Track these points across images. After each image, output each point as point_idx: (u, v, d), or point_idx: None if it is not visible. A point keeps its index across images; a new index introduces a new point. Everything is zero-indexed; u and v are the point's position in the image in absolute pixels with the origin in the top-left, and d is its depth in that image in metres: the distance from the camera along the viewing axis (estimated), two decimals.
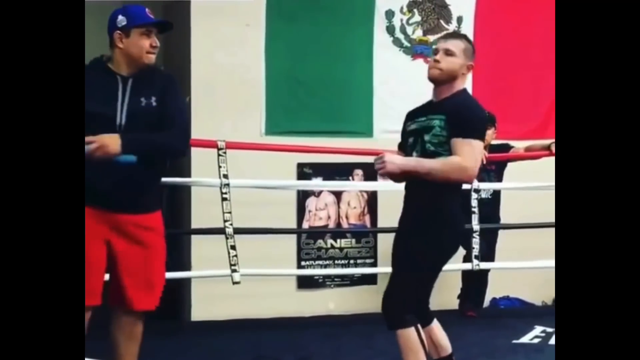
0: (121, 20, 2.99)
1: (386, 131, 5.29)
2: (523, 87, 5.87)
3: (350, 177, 5.49)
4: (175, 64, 5.75)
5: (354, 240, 5.55)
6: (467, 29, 5.74)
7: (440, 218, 3.07)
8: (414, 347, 3.04)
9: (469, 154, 3.00)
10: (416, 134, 3.16)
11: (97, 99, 2.88)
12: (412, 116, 3.26)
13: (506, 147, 5.34)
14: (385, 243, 5.47)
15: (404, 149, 3.25)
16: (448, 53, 3.13)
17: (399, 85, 5.51)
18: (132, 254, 3.02)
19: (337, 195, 5.50)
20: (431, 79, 3.16)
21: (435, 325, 3.24)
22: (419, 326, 3.08)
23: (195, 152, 5.11)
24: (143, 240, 3.05)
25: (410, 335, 3.04)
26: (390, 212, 5.44)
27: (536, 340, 4.51)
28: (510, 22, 5.75)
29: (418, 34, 5.67)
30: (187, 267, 5.20)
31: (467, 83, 5.64)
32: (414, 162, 3.06)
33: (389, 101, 5.50)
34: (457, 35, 3.36)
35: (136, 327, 3.12)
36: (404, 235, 3.18)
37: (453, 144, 3.02)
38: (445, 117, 3.06)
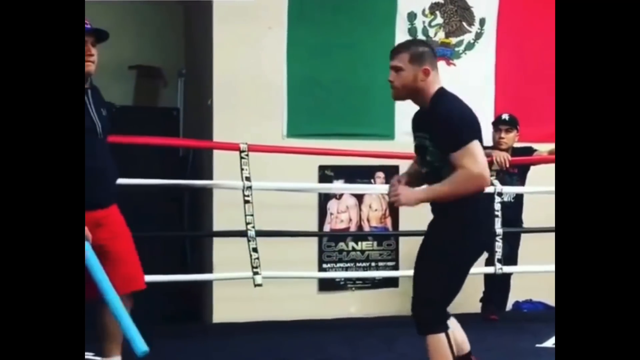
0: None
1: (408, 134, 5.17)
2: (546, 89, 5.82)
3: (372, 180, 5.48)
4: (198, 67, 5.77)
5: (375, 243, 5.54)
6: (490, 30, 5.71)
7: (464, 224, 3.07)
8: (443, 353, 3.05)
9: (469, 161, 2.96)
10: (419, 152, 3.20)
11: None
12: (414, 126, 3.27)
13: (529, 150, 5.31)
14: (406, 246, 5.46)
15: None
16: (396, 69, 3.11)
17: None
18: (120, 243, 3.25)
19: (359, 197, 5.49)
20: (394, 99, 3.22)
21: (452, 323, 3.22)
22: (449, 332, 3.08)
23: (217, 154, 5.14)
24: (116, 228, 3.28)
25: (440, 341, 3.05)
26: (412, 215, 5.42)
27: None
28: (533, 23, 5.71)
29: (440, 36, 5.65)
30: (208, 269, 5.22)
31: (490, 85, 5.63)
32: (425, 194, 3.07)
33: (411, 104, 5.44)
34: (400, 47, 3.24)
35: (126, 305, 3.19)
36: (434, 241, 3.18)
37: (451, 160, 2.98)
38: (429, 136, 3.06)
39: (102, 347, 3.28)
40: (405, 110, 5.43)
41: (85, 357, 3.53)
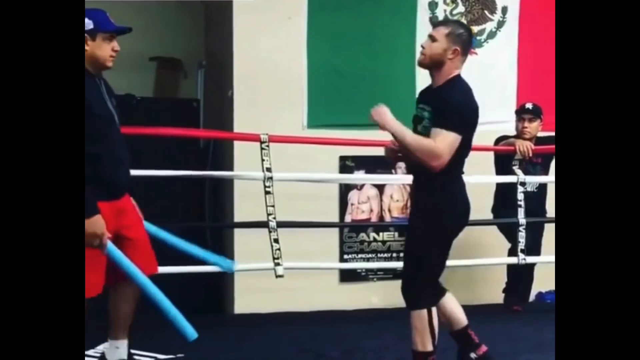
0: (88, 23, 3.08)
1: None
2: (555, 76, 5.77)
3: (393, 170, 5.45)
4: (218, 58, 5.77)
5: (396, 234, 5.51)
6: (512, 19, 5.66)
7: (440, 201, 3.25)
8: (420, 328, 3.24)
9: (442, 141, 3.13)
10: (414, 121, 3.37)
11: (96, 100, 3.10)
12: (419, 98, 3.44)
13: (553, 140, 5.24)
14: None
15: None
16: (432, 39, 3.29)
17: None
18: (136, 231, 3.27)
19: (380, 188, 5.47)
20: (418, 64, 3.39)
21: (447, 299, 3.42)
22: (433, 310, 3.26)
23: (238, 145, 5.13)
24: (135, 215, 3.33)
25: (421, 316, 3.24)
26: None
27: None
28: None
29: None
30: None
31: (512, 74, 5.60)
32: (399, 127, 3.25)
33: None
34: (444, 22, 3.56)
35: (137, 292, 3.28)
36: (413, 221, 3.39)
37: (431, 132, 3.17)
38: (431, 109, 3.23)
39: (110, 329, 3.35)
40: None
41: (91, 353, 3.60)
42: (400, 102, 5.49)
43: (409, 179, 5.51)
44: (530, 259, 5.04)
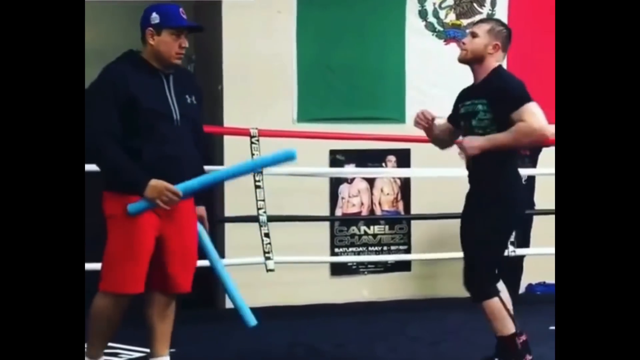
0: (154, 17, 3.03)
1: None
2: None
3: (383, 164, 5.47)
4: (207, 52, 5.76)
5: (387, 227, 5.53)
6: (501, 12, 5.67)
7: (504, 199, 3.30)
8: (499, 315, 3.30)
9: (531, 116, 3.18)
10: (465, 118, 3.39)
11: (150, 94, 2.99)
12: (462, 98, 3.46)
13: None
14: (418, 229, 5.46)
15: (455, 124, 3.48)
16: (473, 35, 3.38)
17: (432, 70, 5.46)
18: (183, 241, 3.11)
19: (370, 182, 5.48)
20: (459, 60, 3.42)
21: (501, 285, 3.43)
22: (502, 296, 3.32)
23: (228, 140, 5.13)
24: (186, 223, 3.14)
25: (494, 305, 3.29)
26: (423, 199, 5.43)
27: None
28: (545, 5, 5.65)
29: (451, 17, 5.61)
30: (221, 255, 5.19)
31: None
32: (489, 142, 3.24)
33: (422, 87, 5.45)
34: (486, 19, 3.66)
35: (172, 307, 3.21)
36: (473, 215, 3.38)
37: (512, 118, 3.19)
38: (487, 100, 3.26)
39: (151, 347, 3.20)
40: (416, 94, 5.46)
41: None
42: (390, 96, 5.54)
43: (398, 172, 5.56)
44: (520, 251, 5.07)
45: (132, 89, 2.94)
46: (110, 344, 3.82)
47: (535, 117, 3.19)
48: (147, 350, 3.38)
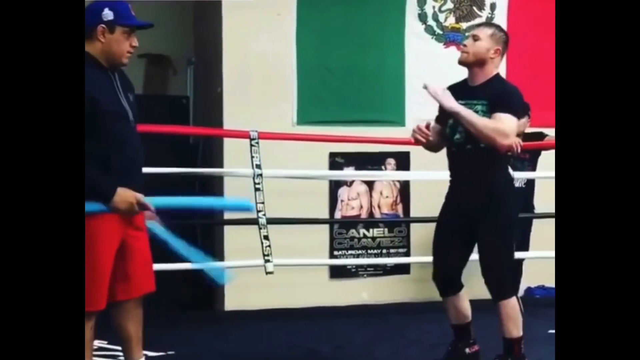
0: (107, 14, 2.86)
1: (418, 120, 5.18)
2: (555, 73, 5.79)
3: (383, 167, 5.47)
4: (207, 55, 5.76)
5: (386, 230, 5.53)
6: (501, 15, 5.68)
7: (505, 199, 3.39)
8: (514, 316, 3.38)
9: (508, 122, 3.26)
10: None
11: (107, 95, 2.87)
12: (457, 95, 3.42)
13: (540, 136, 5.28)
14: (418, 232, 5.45)
15: (442, 124, 3.49)
16: (475, 39, 3.41)
17: (431, 73, 5.44)
18: (141, 243, 3.04)
19: (370, 184, 5.48)
20: (460, 62, 3.44)
21: (464, 293, 3.57)
22: (519, 298, 3.42)
23: (227, 142, 5.13)
24: (142, 225, 3.06)
25: (512, 304, 3.38)
26: (423, 201, 5.43)
27: None
28: (544, 9, 5.66)
29: (450, 21, 5.61)
30: (220, 257, 5.22)
31: (501, 70, 5.65)
32: (461, 110, 3.29)
33: (421, 90, 5.42)
34: (487, 23, 3.70)
35: (140, 309, 3.12)
36: (479, 217, 3.39)
37: (494, 116, 3.27)
38: (488, 102, 3.31)
39: (128, 354, 3.13)
40: (416, 97, 5.45)
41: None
42: (390, 98, 5.54)
43: (398, 175, 5.56)
44: (519, 255, 5.06)
45: (91, 90, 2.75)
46: (107, 346, 3.83)
47: (512, 127, 3.27)
48: (146, 352, 3.38)
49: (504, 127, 3.25)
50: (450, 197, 3.54)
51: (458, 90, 3.44)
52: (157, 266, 3.72)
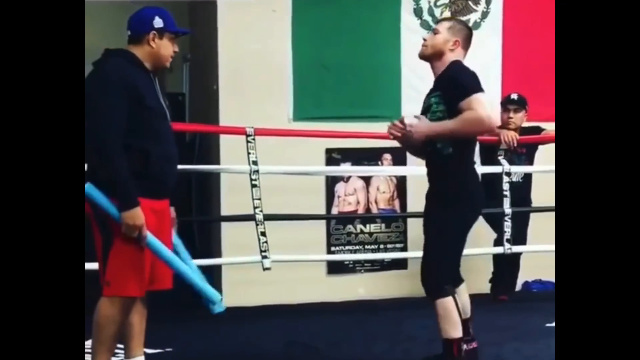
0: (158, 22, 3.09)
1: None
2: (554, 67, 5.79)
3: (379, 162, 5.47)
4: (203, 52, 5.76)
5: (383, 225, 5.53)
6: (496, 9, 5.67)
7: (461, 195, 3.32)
8: (450, 316, 3.27)
9: (478, 105, 3.17)
10: (424, 114, 3.42)
11: (150, 93, 3.04)
12: (426, 97, 3.48)
13: (537, 130, 5.28)
14: (415, 228, 5.44)
15: None
16: (435, 32, 3.44)
17: (427, 68, 5.43)
18: (166, 238, 3.11)
19: (366, 180, 5.48)
20: (419, 56, 3.46)
21: (463, 288, 3.49)
22: (456, 297, 3.32)
23: (224, 139, 5.13)
24: (168, 222, 3.17)
25: (448, 304, 3.28)
26: (420, 197, 5.37)
27: None
28: (540, 1, 5.66)
29: (446, 15, 5.60)
30: (217, 254, 5.23)
31: (497, 63, 5.60)
32: (437, 126, 3.25)
33: (417, 85, 5.41)
34: (448, 18, 3.69)
35: (147, 305, 3.20)
36: (431, 212, 3.41)
37: (460, 107, 3.19)
38: (440, 92, 3.31)
39: (128, 347, 3.19)
40: (412, 92, 5.45)
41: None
42: (386, 94, 5.54)
43: (394, 170, 5.56)
44: (516, 249, 5.07)
45: (139, 86, 2.98)
46: None
47: (483, 106, 3.18)
48: (147, 350, 3.38)
49: (478, 112, 3.16)
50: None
51: (429, 91, 3.46)
52: None
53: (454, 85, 3.25)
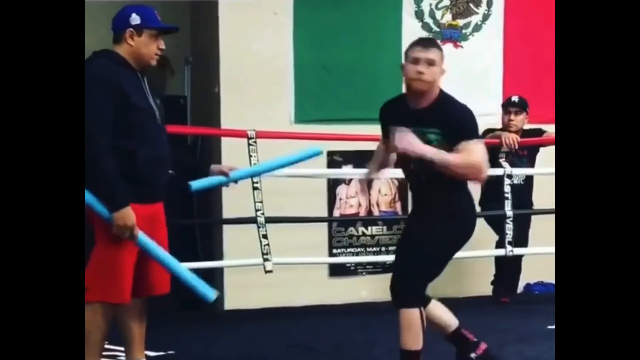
0: (135, 18, 3.00)
1: None
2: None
3: None
4: (204, 54, 5.76)
5: (385, 228, 5.53)
6: (498, 11, 5.68)
7: (451, 215, 3.22)
8: (414, 328, 3.18)
9: (477, 152, 3.08)
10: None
11: (137, 93, 2.97)
12: (392, 117, 3.29)
13: (538, 132, 5.28)
14: None
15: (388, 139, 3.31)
16: (430, 63, 3.14)
17: None
18: (161, 241, 3.07)
19: (368, 182, 5.47)
20: (420, 91, 3.16)
21: (434, 305, 3.38)
22: (423, 311, 3.22)
23: (225, 141, 5.13)
24: (162, 223, 3.13)
25: (413, 316, 3.18)
26: None
27: None
28: (541, 3, 5.67)
29: (447, 18, 5.61)
30: (219, 256, 5.23)
31: (498, 67, 5.62)
32: (432, 154, 3.07)
33: None
34: (434, 43, 3.36)
35: (145, 310, 3.17)
36: (417, 224, 3.31)
37: (463, 148, 3.06)
38: (440, 130, 3.11)
39: (126, 350, 3.19)
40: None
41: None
42: (387, 96, 5.50)
43: (396, 172, 5.55)
44: (518, 251, 5.07)
45: (124, 85, 2.91)
46: (107, 346, 3.82)
47: (484, 156, 3.12)
48: (149, 353, 3.38)
49: (477, 159, 3.07)
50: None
51: (397, 113, 3.26)
52: None
53: (458, 124, 3.11)
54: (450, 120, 3.11)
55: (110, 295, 2.92)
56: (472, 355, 3.39)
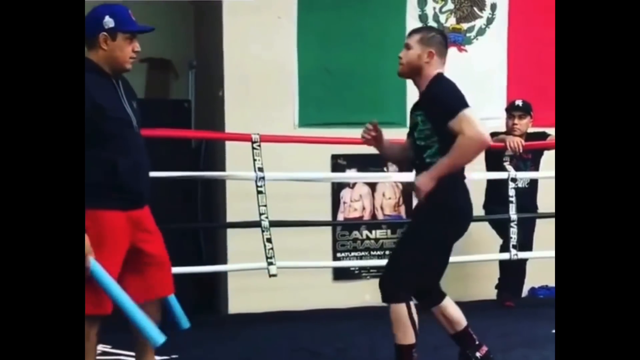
0: (108, 21, 2.86)
1: None
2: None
3: (385, 168, 5.46)
4: (208, 58, 5.77)
5: (389, 231, 5.53)
6: (502, 15, 5.68)
7: (448, 210, 3.26)
8: (401, 323, 3.24)
9: (467, 125, 3.12)
10: (410, 132, 3.42)
11: (111, 101, 2.88)
12: (411, 111, 3.45)
13: (543, 135, 5.28)
14: None
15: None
16: (407, 47, 3.34)
17: None
18: (154, 245, 3.04)
19: (372, 186, 5.48)
20: (399, 75, 3.43)
21: (447, 302, 3.43)
22: (412, 305, 3.26)
23: (229, 145, 5.14)
24: (152, 229, 3.08)
25: (400, 310, 3.23)
26: None
27: None
28: (545, 7, 5.66)
29: (451, 21, 5.61)
30: (223, 260, 5.23)
31: (503, 69, 5.60)
32: (436, 170, 3.18)
33: None
34: (416, 29, 3.55)
35: (159, 314, 3.12)
36: (413, 219, 3.44)
37: (451, 128, 3.14)
38: (423, 111, 3.25)
39: (137, 355, 3.16)
40: (417, 98, 5.44)
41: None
42: (391, 100, 5.54)
43: (400, 176, 5.56)
44: (522, 255, 5.06)
45: (96, 96, 2.78)
46: (111, 351, 3.83)
47: (472, 124, 3.11)
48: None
49: (470, 135, 3.10)
50: None
51: (414, 105, 3.42)
52: None
53: (438, 105, 3.19)
54: (430, 100, 3.24)
55: (96, 307, 2.81)
56: (477, 354, 3.40)
